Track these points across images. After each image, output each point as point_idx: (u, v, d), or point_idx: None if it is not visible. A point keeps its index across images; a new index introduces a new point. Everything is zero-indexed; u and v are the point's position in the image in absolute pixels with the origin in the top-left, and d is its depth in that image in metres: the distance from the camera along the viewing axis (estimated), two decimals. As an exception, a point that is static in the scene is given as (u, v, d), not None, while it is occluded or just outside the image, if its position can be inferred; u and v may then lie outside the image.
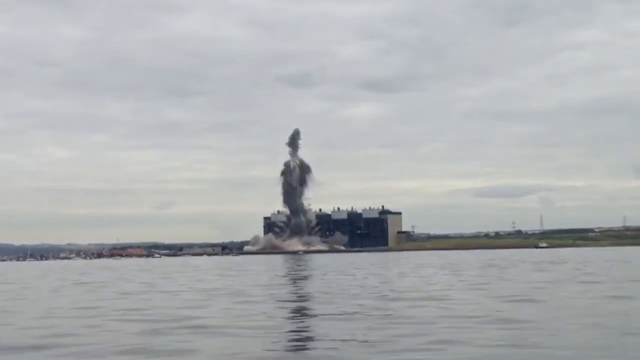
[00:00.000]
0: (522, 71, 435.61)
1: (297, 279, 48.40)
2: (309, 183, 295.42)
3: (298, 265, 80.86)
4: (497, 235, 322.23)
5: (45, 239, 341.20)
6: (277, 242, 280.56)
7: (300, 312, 22.43)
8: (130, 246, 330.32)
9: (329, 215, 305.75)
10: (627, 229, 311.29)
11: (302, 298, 29.04)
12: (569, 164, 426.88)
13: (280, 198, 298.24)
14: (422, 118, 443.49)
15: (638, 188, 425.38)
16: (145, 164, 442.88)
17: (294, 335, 16.50)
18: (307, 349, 14.55)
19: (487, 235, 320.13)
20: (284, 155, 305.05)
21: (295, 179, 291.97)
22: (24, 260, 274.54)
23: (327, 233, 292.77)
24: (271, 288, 36.74)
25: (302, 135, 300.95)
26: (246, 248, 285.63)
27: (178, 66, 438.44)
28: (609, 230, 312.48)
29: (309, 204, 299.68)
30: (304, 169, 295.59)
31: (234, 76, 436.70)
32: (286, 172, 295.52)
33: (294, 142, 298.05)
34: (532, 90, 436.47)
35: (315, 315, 21.00)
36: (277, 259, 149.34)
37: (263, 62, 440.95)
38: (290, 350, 14.46)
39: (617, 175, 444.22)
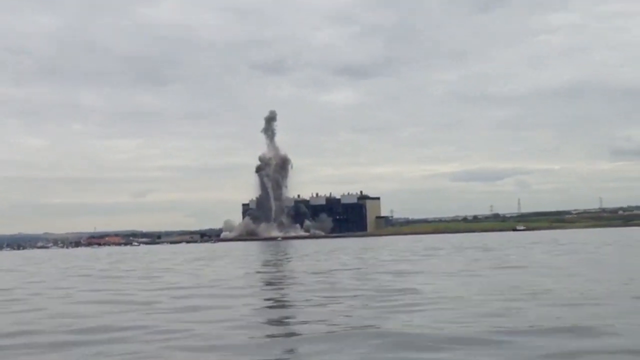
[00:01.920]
0: (498, 55, 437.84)
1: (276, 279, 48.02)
2: (288, 173, 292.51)
3: (277, 254, 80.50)
4: (476, 218, 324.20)
5: (21, 229, 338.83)
6: (254, 227, 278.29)
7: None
8: (108, 234, 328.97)
9: (308, 202, 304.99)
10: (604, 210, 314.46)
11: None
12: (545, 147, 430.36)
13: (258, 189, 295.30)
14: (398, 103, 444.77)
15: (614, 170, 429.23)
16: (121, 152, 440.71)
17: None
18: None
19: (465, 219, 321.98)
20: (261, 141, 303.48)
21: (271, 173, 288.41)
22: (0, 249, 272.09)
23: (311, 218, 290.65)
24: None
25: (278, 122, 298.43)
26: (223, 234, 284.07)
27: (152, 54, 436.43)
28: (585, 212, 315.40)
29: (287, 193, 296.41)
30: (282, 161, 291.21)
31: (208, 63, 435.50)
32: (261, 168, 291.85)
33: (269, 127, 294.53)
34: (507, 74, 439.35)
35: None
36: (255, 245, 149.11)
37: (237, 48, 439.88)
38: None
39: (593, 158, 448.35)
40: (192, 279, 33.95)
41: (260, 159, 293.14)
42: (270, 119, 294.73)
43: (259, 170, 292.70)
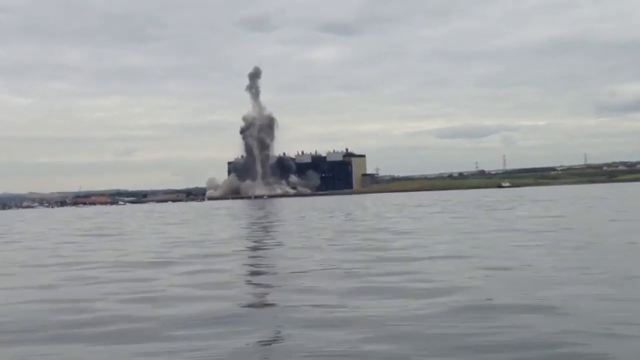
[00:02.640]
0: (481, 11, 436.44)
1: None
2: (274, 133, 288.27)
3: (262, 213, 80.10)
4: (461, 175, 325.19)
5: (6, 188, 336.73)
6: (239, 184, 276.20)
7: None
8: (94, 194, 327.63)
9: (293, 159, 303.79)
10: (588, 166, 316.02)
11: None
12: (530, 103, 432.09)
13: (243, 150, 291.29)
14: (382, 60, 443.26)
15: (598, 126, 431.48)
16: (105, 111, 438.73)
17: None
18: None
19: (450, 176, 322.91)
20: (246, 99, 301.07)
21: (255, 133, 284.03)
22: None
23: (296, 174, 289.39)
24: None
25: (263, 79, 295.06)
26: (208, 193, 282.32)
27: (135, 11, 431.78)
28: (571, 168, 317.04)
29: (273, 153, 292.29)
30: (268, 120, 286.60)
31: (192, 20, 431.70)
32: (245, 129, 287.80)
33: (253, 84, 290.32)
34: (490, 30, 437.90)
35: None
36: (241, 204, 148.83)
37: (221, 5, 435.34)
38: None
39: (578, 114, 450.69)
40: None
41: (244, 119, 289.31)
42: (254, 75, 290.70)
43: (243, 131, 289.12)
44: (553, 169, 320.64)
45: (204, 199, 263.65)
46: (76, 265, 19.84)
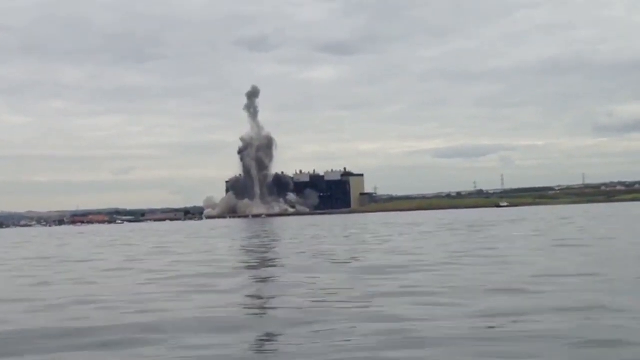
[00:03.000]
0: (479, 31, 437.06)
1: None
2: (273, 153, 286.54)
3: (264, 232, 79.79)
4: (459, 195, 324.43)
5: (4, 207, 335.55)
6: (236, 203, 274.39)
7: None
8: (91, 212, 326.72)
9: (292, 179, 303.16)
10: (587, 186, 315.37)
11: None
12: (528, 123, 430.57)
13: (241, 170, 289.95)
14: (381, 80, 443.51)
15: (596, 146, 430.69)
16: (104, 130, 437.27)
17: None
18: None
19: (449, 196, 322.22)
20: (244, 119, 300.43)
21: (253, 153, 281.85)
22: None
23: (294, 192, 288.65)
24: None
25: (261, 99, 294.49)
26: (206, 212, 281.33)
27: (134, 30, 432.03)
28: (569, 188, 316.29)
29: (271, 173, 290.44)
30: (266, 140, 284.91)
31: (191, 40, 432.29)
32: (243, 149, 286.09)
33: (252, 103, 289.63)
34: (489, 50, 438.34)
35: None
36: (240, 223, 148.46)
37: (220, 25, 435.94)
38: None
39: (576, 134, 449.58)
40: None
41: (242, 139, 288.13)
42: (252, 94, 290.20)
43: (241, 152, 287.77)
44: (551, 188, 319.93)
45: (201, 218, 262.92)
46: None
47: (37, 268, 28.72)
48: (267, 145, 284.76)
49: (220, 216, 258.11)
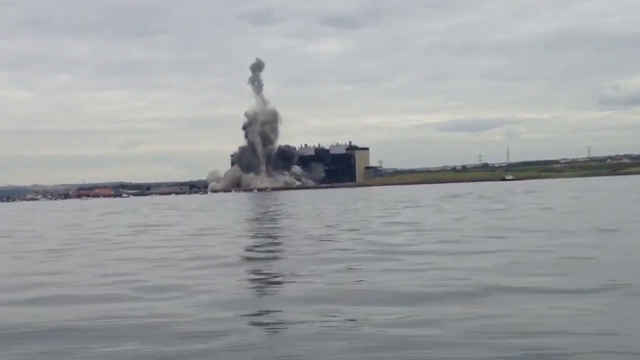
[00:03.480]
0: (486, 4, 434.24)
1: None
2: (278, 128, 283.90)
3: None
4: (464, 168, 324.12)
5: (10, 181, 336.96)
6: (241, 175, 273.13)
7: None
8: (97, 186, 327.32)
9: (296, 150, 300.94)
10: (592, 159, 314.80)
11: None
12: (534, 97, 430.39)
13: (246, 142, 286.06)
14: (386, 53, 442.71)
15: (601, 119, 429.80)
16: (109, 104, 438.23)
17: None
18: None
19: (454, 169, 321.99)
20: (249, 93, 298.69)
21: (258, 128, 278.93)
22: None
23: (299, 164, 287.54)
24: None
25: (266, 73, 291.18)
26: (211, 186, 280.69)
27: (139, 5, 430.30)
28: (574, 161, 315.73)
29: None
30: (271, 116, 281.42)
31: (195, 14, 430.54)
32: (247, 124, 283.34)
33: (256, 76, 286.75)
34: (495, 24, 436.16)
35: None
36: (245, 197, 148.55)
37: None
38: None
39: (581, 107, 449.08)
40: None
41: (247, 115, 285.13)
42: (257, 68, 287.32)
43: (245, 127, 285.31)
44: (557, 162, 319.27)
45: (206, 192, 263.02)
46: None
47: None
48: (272, 120, 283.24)
49: (225, 190, 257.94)
